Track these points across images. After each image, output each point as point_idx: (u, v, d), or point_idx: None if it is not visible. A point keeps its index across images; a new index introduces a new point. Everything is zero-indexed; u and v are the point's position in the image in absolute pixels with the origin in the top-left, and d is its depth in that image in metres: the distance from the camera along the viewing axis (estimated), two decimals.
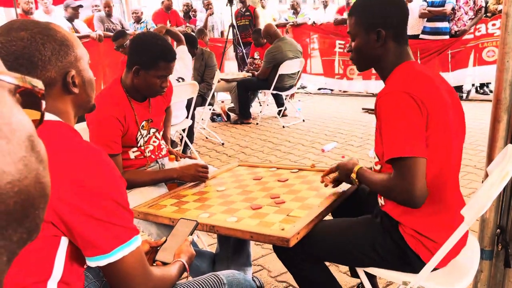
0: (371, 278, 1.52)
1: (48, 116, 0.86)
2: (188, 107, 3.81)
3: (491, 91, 5.94)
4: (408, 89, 1.16)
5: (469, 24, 5.74)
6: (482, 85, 6.16)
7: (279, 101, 5.64)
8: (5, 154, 0.26)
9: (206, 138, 4.84)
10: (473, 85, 6.15)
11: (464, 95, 5.96)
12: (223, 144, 4.53)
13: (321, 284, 1.41)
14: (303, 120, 5.35)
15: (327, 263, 1.45)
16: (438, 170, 1.20)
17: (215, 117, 5.79)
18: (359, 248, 1.31)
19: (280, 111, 5.57)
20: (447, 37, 5.88)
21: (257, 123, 5.40)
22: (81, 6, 5.89)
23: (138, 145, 1.80)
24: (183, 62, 3.84)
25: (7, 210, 0.26)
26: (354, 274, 1.73)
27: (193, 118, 4.01)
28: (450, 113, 1.22)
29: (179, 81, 3.74)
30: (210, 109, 5.30)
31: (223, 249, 1.76)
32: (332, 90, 7.35)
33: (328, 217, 1.47)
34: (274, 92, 5.23)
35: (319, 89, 7.56)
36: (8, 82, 0.28)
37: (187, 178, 1.77)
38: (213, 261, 1.76)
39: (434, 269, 1.20)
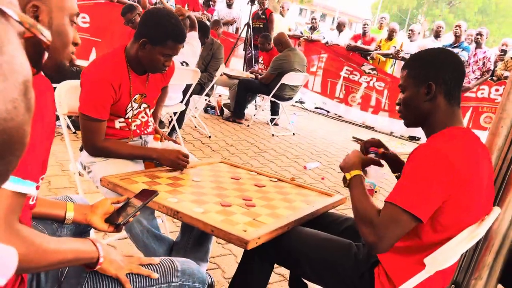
0: None
1: None
2: (185, 92, 3.79)
3: None
4: (450, 154, 1.10)
5: (474, 83, 5.85)
6: None
7: (274, 109, 5.66)
8: None
9: (195, 127, 4.82)
10: None
11: None
12: (210, 137, 4.52)
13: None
14: (293, 134, 5.37)
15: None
16: (447, 235, 1.16)
17: (209, 108, 5.77)
18: (324, 266, 1.31)
19: (273, 119, 5.58)
20: None
21: (248, 125, 5.40)
22: None
23: (126, 116, 1.78)
24: (192, 48, 3.83)
25: None
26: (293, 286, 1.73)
27: (187, 104, 3.99)
28: (482, 196, 1.18)
29: (183, 65, 3.71)
30: (206, 100, 5.28)
31: (184, 239, 1.75)
32: (328, 112, 7.41)
33: None
34: (273, 99, 5.24)
35: (316, 107, 7.61)
36: (18, 21, 0.28)
37: (165, 162, 1.75)
38: (171, 248, 1.74)
39: None
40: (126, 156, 1.75)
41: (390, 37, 6.94)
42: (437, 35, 6.35)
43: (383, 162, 1.51)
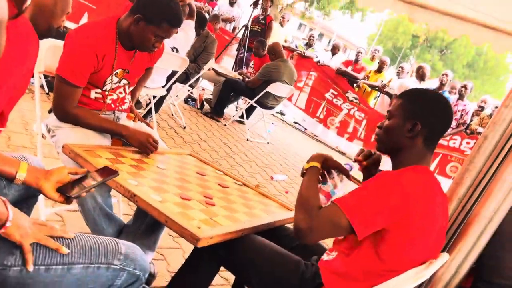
0: None
1: None
2: (169, 78, 3.74)
3: None
4: (408, 186, 1.15)
5: (448, 131, 6.03)
6: None
7: (249, 113, 5.63)
8: None
9: (172, 115, 4.75)
10: None
11: None
12: (184, 128, 4.46)
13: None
14: (268, 143, 5.38)
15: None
16: (390, 267, 1.18)
17: (189, 100, 5.71)
18: (270, 278, 1.30)
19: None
20: None
21: (225, 125, 5.37)
22: None
23: (104, 88, 1.73)
24: (185, 36, 3.79)
25: None
26: None
27: (169, 90, 3.93)
28: (431, 238, 1.21)
29: (173, 51, 3.67)
30: (188, 90, 5.22)
31: (136, 224, 1.70)
32: (306, 129, 7.47)
33: None
34: (255, 105, 5.23)
35: (295, 122, 7.66)
36: None
37: (134, 142, 1.70)
38: (121, 231, 1.69)
39: None
40: (95, 127, 1.69)
41: (380, 70, 7.07)
42: (421, 77, 6.43)
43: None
